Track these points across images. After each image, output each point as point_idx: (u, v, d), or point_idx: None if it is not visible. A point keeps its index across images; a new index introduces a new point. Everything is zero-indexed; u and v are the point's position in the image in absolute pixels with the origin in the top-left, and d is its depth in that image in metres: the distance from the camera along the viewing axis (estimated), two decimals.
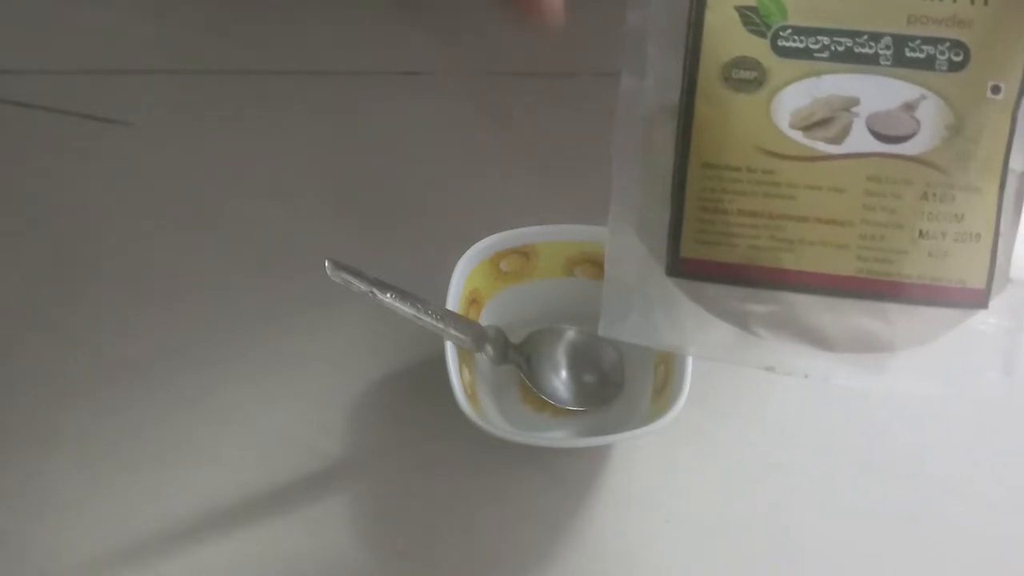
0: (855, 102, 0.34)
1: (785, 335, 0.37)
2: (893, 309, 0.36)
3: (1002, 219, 0.35)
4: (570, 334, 0.48)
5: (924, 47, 0.34)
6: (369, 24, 0.67)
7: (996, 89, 0.34)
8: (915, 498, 0.45)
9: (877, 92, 0.34)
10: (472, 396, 0.44)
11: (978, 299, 0.36)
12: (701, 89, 0.35)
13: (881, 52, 0.34)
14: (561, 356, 0.48)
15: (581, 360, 0.48)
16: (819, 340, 0.37)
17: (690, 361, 0.42)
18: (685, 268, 0.37)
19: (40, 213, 0.56)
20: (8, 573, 0.42)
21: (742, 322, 0.37)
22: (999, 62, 0.34)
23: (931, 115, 0.34)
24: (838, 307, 0.36)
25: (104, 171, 0.58)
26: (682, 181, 0.36)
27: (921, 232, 0.35)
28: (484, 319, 0.48)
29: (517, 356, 0.47)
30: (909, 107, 0.34)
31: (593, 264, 0.48)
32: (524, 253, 0.48)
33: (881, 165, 0.35)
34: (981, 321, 0.36)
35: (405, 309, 0.43)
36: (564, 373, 0.47)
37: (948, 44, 0.34)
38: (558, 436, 0.46)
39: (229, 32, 0.66)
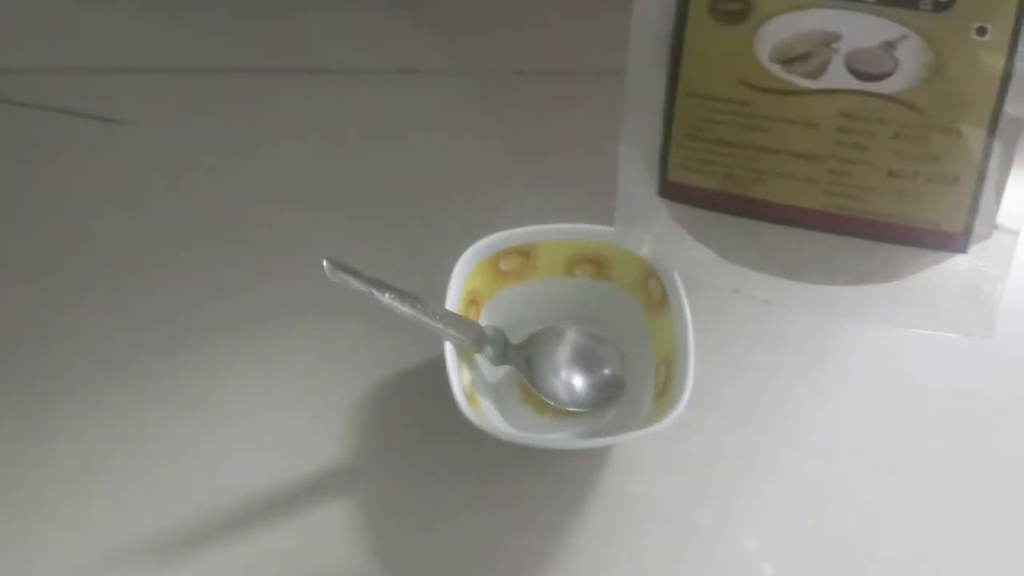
0: (836, 38, 0.34)
1: (754, 262, 0.38)
2: (858, 244, 0.36)
3: (991, 164, 0.34)
4: (570, 334, 0.48)
5: None
6: (369, 23, 0.67)
7: (982, 31, 0.33)
8: (915, 498, 0.45)
9: (859, 29, 0.34)
10: (472, 397, 0.43)
11: (955, 243, 0.36)
12: (691, 20, 0.36)
13: None
14: (562, 357, 0.47)
15: (582, 361, 0.47)
16: (787, 270, 0.38)
17: (691, 363, 0.42)
18: (672, 191, 0.38)
19: (40, 213, 0.56)
20: (7, 574, 0.42)
21: (717, 246, 0.38)
22: (985, 4, 0.33)
23: (911, 55, 0.34)
24: (806, 240, 0.37)
25: (104, 171, 0.58)
26: (671, 108, 0.37)
27: (891, 171, 0.35)
28: (484, 319, 0.47)
29: (517, 357, 0.47)
30: (889, 46, 0.34)
31: (593, 264, 0.48)
32: (524, 253, 0.48)
33: (856, 102, 0.34)
34: (960, 264, 0.36)
35: (404, 309, 0.43)
36: (565, 374, 0.47)
37: None
38: (559, 437, 0.46)
39: (229, 31, 0.66)
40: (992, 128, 0.34)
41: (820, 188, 0.35)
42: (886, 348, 0.50)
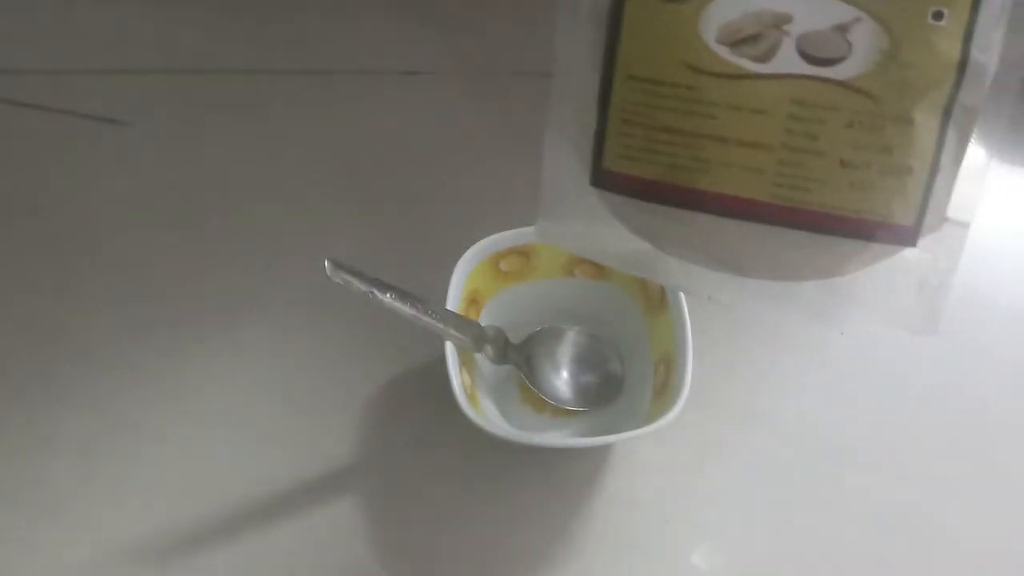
0: (787, 19, 0.32)
1: (696, 256, 0.36)
2: (808, 238, 0.34)
3: (944, 154, 0.33)
4: (570, 334, 0.48)
5: None
6: (369, 24, 0.67)
7: (938, 15, 0.32)
8: (915, 498, 0.45)
9: (811, 10, 0.32)
10: (472, 396, 0.44)
11: (905, 236, 0.33)
12: None
13: None
14: (561, 356, 0.48)
15: (581, 360, 0.48)
16: (730, 265, 0.35)
17: (690, 362, 0.42)
18: (607, 180, 0.36)
19: (40, 213, 0.56)
20: (7, 574, 0.42)
21: (656, 239, 0.36)
22: None
23: (865, 38, 0.32)
24: (751, 233, 0.34)
25: (104, 171, 0.58)
26: (607, 91, 0.35)
27: (843, 162, 0.33)
28: (484, 319, 0.48)
29: (517, 356, 0.47)
30: (842, 28, 0.32)
31: (593, 264, 0.48)
32: (524, 253, 0.48)
33: (807, 88, 0.32)
34: (909, 258, 0.34)
35: (405, 309, 0.43)
36: (564, 373, 0.47)
37: None
38: (558, 436, 0.46)
39: (229, 32, 0.66)
40: (946, 117, 0.32)
41: (768, 179, 0.33)
42: (887, 347, 0.50)
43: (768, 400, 0.48)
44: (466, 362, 0.45)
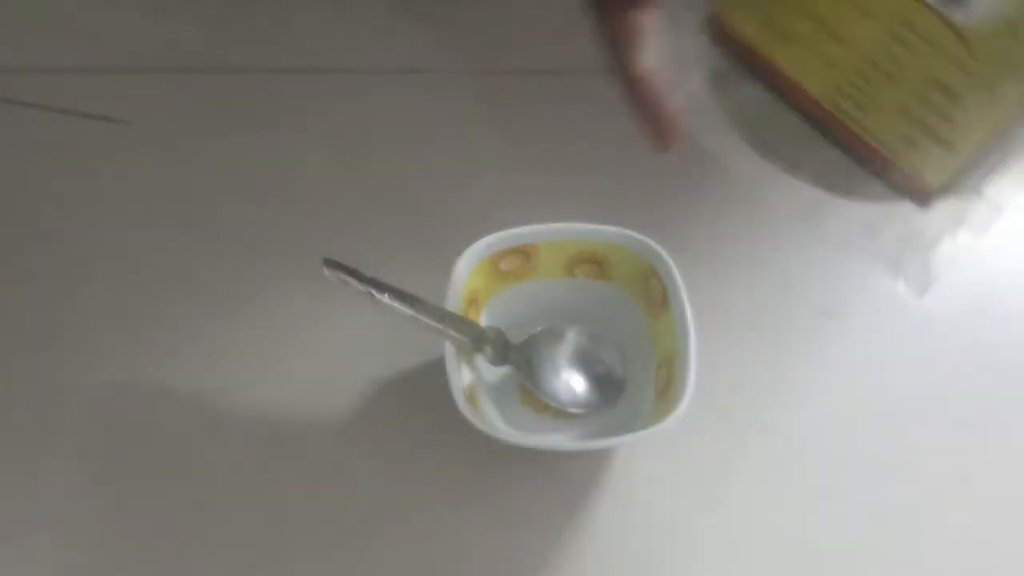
0: None
1: (741, 127, 0.37)
2: (837, 158, 0.35)
3: (1009, 138, 0.33)
4: (571, 335, 0.48)
5: None
6: (369, 22, 0.66)
7: None
8: (917, 499, 0.45)
9: None
10: (472, 398, 0.43)
11: (922, 198, 0.35)
12: None
13: None
14: (562, 357, 0.47)
15: (582, 362, 0.47)
16: (761, 146, 0.36)
17: (693, 363, 0.42)
18: (713, 26, 0.37)
19: (38, 213, 0.56)
20: (7, 573, 0.42)
21: (715, 90, 0.37)
22: None
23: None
24: (795, 127, 0.35)
25: (103, 171, 0.58)
26: None
27: (905, 108, 0.33)
28: (484, 319, 0.47)
29: (517, 357, 0.46)
30: None
31: (593, 264, 0.48)
32: (524, 253, 0.48)
33: (921, 14, 0.32)
34: (919, 216, 0.35)
35: (403, 309, 0.42)
36: (565, 375, 0.47)
37: None
38: (559, 439, 0.46)
39: (229, 30, 0.66)
40: None
41: (836, 81, 0.33)
42: (890, 348, 0.50)
43: (771, 403, 0.48)
44: (466, 363, 0.45)
